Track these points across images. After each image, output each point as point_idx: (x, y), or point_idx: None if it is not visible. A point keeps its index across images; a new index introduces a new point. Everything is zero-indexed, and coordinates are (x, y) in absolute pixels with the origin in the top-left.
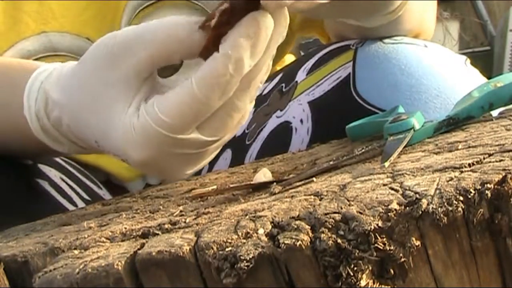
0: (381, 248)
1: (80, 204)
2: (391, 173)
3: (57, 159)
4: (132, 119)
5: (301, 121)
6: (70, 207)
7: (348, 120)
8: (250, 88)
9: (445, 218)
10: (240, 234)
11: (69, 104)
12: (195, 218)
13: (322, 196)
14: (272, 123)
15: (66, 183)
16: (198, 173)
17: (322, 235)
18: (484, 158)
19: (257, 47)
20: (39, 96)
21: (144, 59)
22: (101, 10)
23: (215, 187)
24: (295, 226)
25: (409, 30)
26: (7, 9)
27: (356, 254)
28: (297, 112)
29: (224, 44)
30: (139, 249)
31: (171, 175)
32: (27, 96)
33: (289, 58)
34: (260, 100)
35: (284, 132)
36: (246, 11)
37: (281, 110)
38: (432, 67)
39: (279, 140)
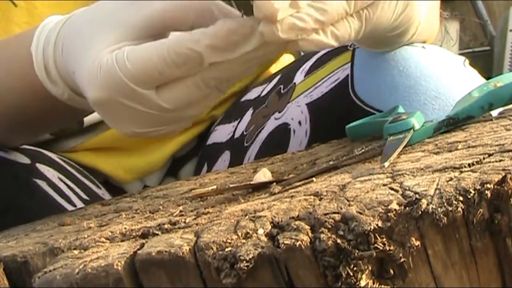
0: (381, 248)
1: (79, 204)
2: (391, 173)
3: (56, 159)
4: (104, 57)
5: (300, 123)
6: (69, 207)
7: (346, 122)
8: (219, 76)
9: (445, 218)
10: (239, 234)
11: (68, 33)
12: (195, 218)
13: (322, 196)
14: (271, 125)
15: (64, 183)
16: (198, 174)
17: (322, 235)
18: (484, 158)
19: (238, 50)
20: (47, 37)
21: (156, 16)
22: None
23: (215, 187)
24: (295, 226)
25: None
26: (1, 20)
27: (356, 254)
28: (296, 114)
29: (212, 26)
30: (138, 249)
31: (118, 126)
32: (37, 34)
33: (288, 59)
34: (259, 101)
35: (282, 134)
36: None
37: (279, 112)
38: (431, 68)
39: (278, 142)
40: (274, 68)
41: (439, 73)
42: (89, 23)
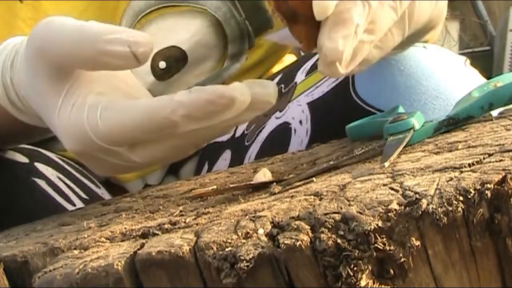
0: (381, 248)
1: (78, 203)
2: (391, 173)
3: (55, 158)
4: (71, 110)
5: (300, 122)
6: (68, 206)
7: (347, 121)
8: (196, 141)
9: (445, 218)
10: (240, 234)
11: (22, 81)
12: (195, 218)
13: (322, 196)
14: (271, 124)
15: (64, 182)
16: (198, 173)
17: (322, 235)
18: (484, 158)
19: (217, 119)
20: (5, 66)
21: (54, 58)
22: (98, 15)
23: (215, 187)
24: (295, 226)
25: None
26: (3, 16)
27: (356, 254)
28: (296, 113)
29: (190, 94)
30: (139, 249)
31: (101, 172)
32: None
33: (289, 58)
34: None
35: (283, 133)
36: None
37: (280, 111)
38: (432, 68)
39: (278, 141)
40: (275, 68)
41: (440, 73)
42: (28, 79)
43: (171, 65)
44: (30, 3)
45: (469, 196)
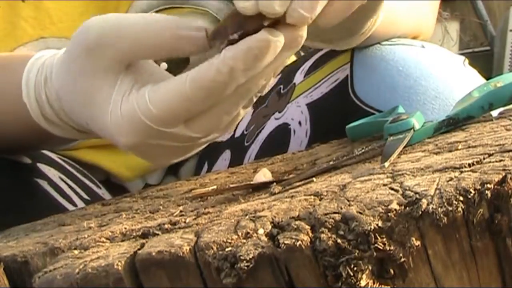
0: (381, 248)
1: (80, 203)
2: (391, 173)
3: (56, 159)
4: (121, 105)
5: (300, 123)
6: (70, 206)
7: (346, 122)
8: (245, 97)
9: (445, 218)
10: (240, 234)
11: (61, 89)
12: (195, 218)
13: (322, 196)
14: (271, 124)
15: (65, 182)
16: (198, 173)
17: (322, 235)
18: (484, 158)
19: (259, 65)
20: (37, 81)
21: (119, 52)
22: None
23: (215, 187)
24: (295, 226)
25: (402, 35)
26: (5, 15)
27: (356, 254)
28: (296, 114)
29: (227, 51)
30: (139, 249)
31: (157, 162)
32: (25, 82)
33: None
34: (259, 101)
35: (282, 134)
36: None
37: (279, 112)
38: (430, 68)
39: (278, 142)
40: None
41: (438, 73)
42: (76, 82)
43: (173, 66)
44: (32, 2)
45: (469, 196)
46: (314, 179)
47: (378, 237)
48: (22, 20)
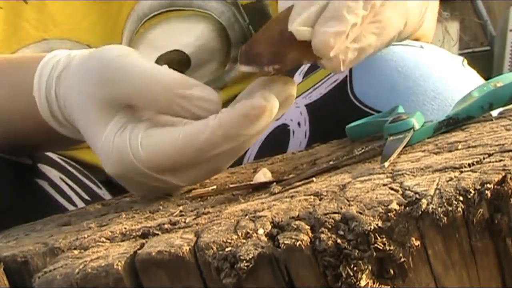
0: (381, 248)
1: (80, 204)
2: (391, 173)
3: (57, 159)
4: (114, 137)
5: (299, 124)
6: (70, 207)
7: (345, 123)
8: (236, 155)
9: (445, 218)
10: (240, 234)
11: (67, 97)
12: (195, 218)
13: (322, 196)
14: (270, 125)
15: (66, 183)
16: None
17: (322, 235)
18: (484, 158)
19: (253, 130)
20: (50, 77)
21: (120, 97)
22: (101, 17)
23: (215, 187)
24: (295, 226)
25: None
26: (8, 16)
27: (356, 254)
28: (295, 115)
29: (223, 114)
30: (139, 249)
31: (139, 193)
32: (38, 78)
33: None
34: None
35: (281, 135)
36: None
37: None
38: (429, 68)
39: (277, 143)
40: None
41: (437, 74)
42: (81, 96)
43: (174, 68)
44: (35, 4)
45: (469, 196)
46: (314, 179)
47: (378, 237)
48: (24, 21)
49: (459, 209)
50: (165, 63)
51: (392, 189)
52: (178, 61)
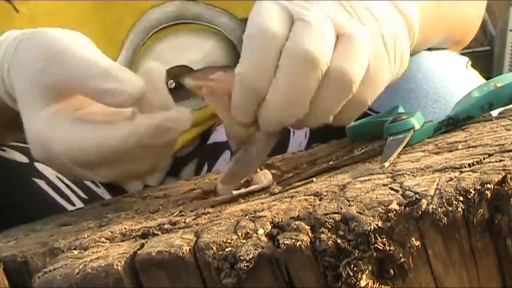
0: (381, 248)
1: (78, 203)
2: (391, 173)
3: None
4: (39, 125)
5: None
6: (68, 206)
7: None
8: (152, 160)
9: (445, 218)
10: (240, 234)
11: (12, 74)
12: (194, 218)
13: (322, 196)
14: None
15: (63, 182)
16: (198, 174)
17: (322, 236)
18: (484, 158)
19: (166, 138)
20: (7, 52)
21: (58, 87)
22: (97, 28)
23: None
24: (295, 227)
25: (443, 38)
26: (2, 25)
27: (356, 254)
28: None
29: (141, 119)
30: (138, 249)
31: (66, 177)
32: None
33: None
34: None
35: (281, 135)
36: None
37: None
38: (432, 71)
39: (277, 143)
40: None
41: (440, 76)
42: (22, 76)
43: (181, 85)
44: (27, 13)
45: (469, 196)
46: (314, 179)
47: (378, 237)
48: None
49: (459, 209)
50: (171, 78)
51: (392, 189)
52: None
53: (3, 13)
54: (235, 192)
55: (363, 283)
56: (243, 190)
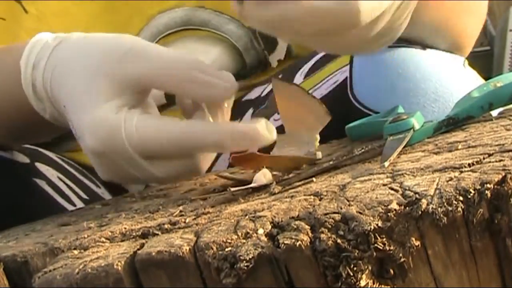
0: (381, 248)
1: (79, 203)
2: (391, 173)
3: (55, 158)
4: (108, 114)
5: None
6: (69, 206)
7: (345, 124)
8: (207, 164)
9: (445, 218)
10: (239, 234)
11: (59, 67)
12: (194, 218)
13: (321, 196)
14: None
15: (64, 182)
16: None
17: (322, 235)
18: (484, 158)
19: (245, 146)
20: (38, 56)
21: (142, 79)
22: (105, 29)
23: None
24: (295, 226)
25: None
26: (8, 26)
27: (356, 254)
28: None
29: (223, 125)
30: (138, 249)
31: (102, 174)
32: (27, 53)
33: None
34: (259, 101)
35: None
36: None
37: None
38: (430, 70)
39: None
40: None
41: (438, 75)
42: (83, 66)
43: (170, 101)
44: (35, 14)
45: (469, 196)
46: (314, 179)
47: (378, 237)
48: (23, 31)
49: (459, 209)
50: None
51: (392, 189)
52: None
53: (12, 13)
54: (233, 189)
55: (363, 283)
56: (242, 187)
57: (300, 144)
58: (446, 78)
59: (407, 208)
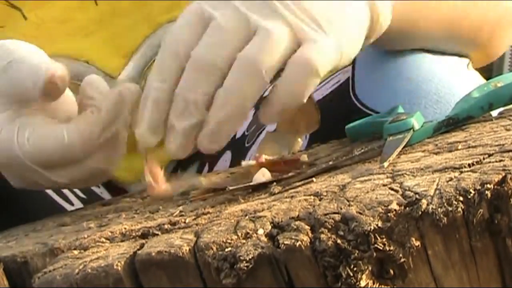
0: (381, 248)
1: (77, 202)
2: (390, 173)
3: None
4: (1, 128)
5: None
6: (67, 205)
7: (346, 124)
8: (109, 165)
9: (445, 218)
10: (239, 234)
11: None
12: (194, 219)
13: (321, 197)
14: (272, 126)
15: None
16: (199, 173)
17: (322, 236)
18: (484, 158)
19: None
20: None
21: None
22: (107, 37)
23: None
24: (295, 227)
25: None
26: (8, 33)
27: (356, 254)
28: None
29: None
30: (138, 250)
31: (17, 185)
32: None
33: None
34: (260, 102)
35: None
36: None
37: None
38: (432, 71)
39: None
40: None
41: (440, 77)
42: None
43: None
44: (34, 21)
45: (469, 196)
46: (314, 179)
47: (378, 238)
48: (21, 37)
49: (459, 209)
50: None
51: (392, 189)
52: None
53: (12, 20)
54: (231, 188)
55: (363, 283)
56: (241, 185)
57: (282, 145)
58: (448, 80)
59: (407, 208)
